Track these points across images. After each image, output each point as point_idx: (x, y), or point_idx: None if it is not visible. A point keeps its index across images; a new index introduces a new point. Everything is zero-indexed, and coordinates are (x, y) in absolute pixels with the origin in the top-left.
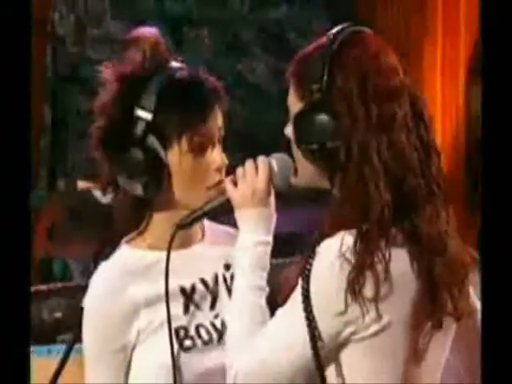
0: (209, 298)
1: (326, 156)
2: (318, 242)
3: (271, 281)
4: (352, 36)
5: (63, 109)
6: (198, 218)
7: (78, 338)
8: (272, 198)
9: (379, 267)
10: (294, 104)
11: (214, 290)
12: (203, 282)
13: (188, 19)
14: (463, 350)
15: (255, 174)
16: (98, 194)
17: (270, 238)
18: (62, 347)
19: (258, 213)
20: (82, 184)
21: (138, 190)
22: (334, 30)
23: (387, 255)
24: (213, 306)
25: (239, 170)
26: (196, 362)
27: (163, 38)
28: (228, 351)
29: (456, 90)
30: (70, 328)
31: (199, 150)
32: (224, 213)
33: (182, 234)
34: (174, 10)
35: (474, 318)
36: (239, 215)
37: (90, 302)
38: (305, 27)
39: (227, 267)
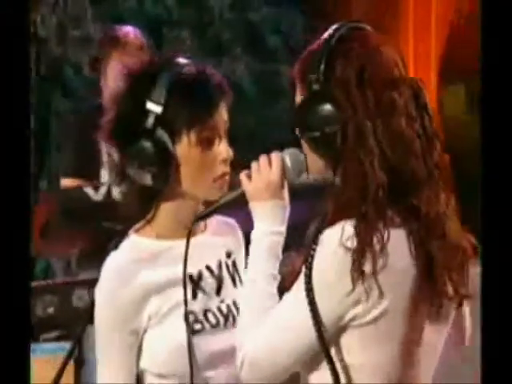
0: (214, 285)
1: (327, 143)
2: (321, 230)
3: None
4: (352, 30)
5: (45, 109)
6: (216, 210)
7: (70, 335)
8: (286, 191)
9: (377, 247)
10: (297, 98)
11: (219, 277)
12: (209, 269)
13: (168, 20)
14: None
15: (269, 168)
16: (90, 191)
17: (283, 229)
18: (46, 346)
19: (272, 204)
20: (65, 182)
21: (147, 180)
22: (335, 26)
23: (386, 236)
24: (218, 291)
25: (254, 165)
26: (205, 345)
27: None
28: (238, 334)
29: (428, 90)
30: (59, 325)
31: (207, 143)
32: (240, 205)
33: (188, 225)
34: (155, 11)
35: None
36: (253, 207)
37: (101, 288)
38: (285, 29)
39: (228, 255)
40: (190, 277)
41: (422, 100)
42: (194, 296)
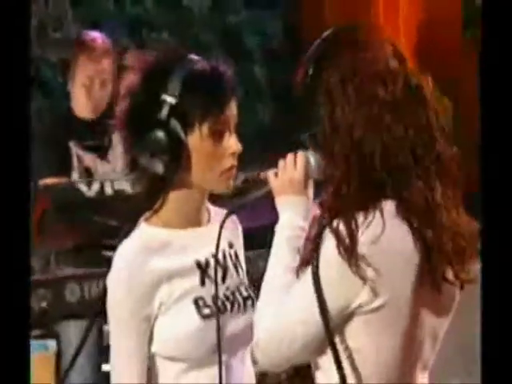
0: (220, 273)
1: (317, 142)
2: (325, 225)
3: (252, 269)
4: (343, 32)
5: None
6: (246, 206)
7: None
8: (310, 189)
9: (363, 238)
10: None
11: (224, 265)
12: (215, 257)
13: (148, 22)
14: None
15: (294, 166)
16: (83, 187)
17: (306, 224)
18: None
19: (295, 200)
20: (49, 182)
21: (159, 168)
22: (330, 30)
23: (381, 229)
24: (224, 279)
25: (280, 162)
26: (214, 329)
27: (119, 41)
28: (256, 319)
29: None
30: (53, 320)
31: (218, 136)
32: (267, 200)
33: (194, 215)
34: (134, 13)
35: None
36: (279, 201)
37: (114, 276)
38: (262, 31)
39: (230, 246)
40: (199, 264)
41: (419, 93)
42: (203, 283)
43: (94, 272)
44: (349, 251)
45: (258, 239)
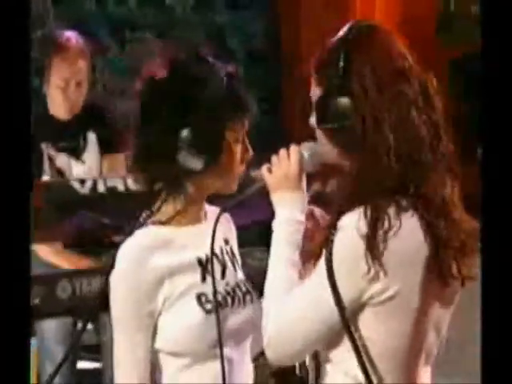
0: (219, 268)
1: (345, 134)
2: (339, 216)
3: (247, 265)
4: (364, 28)
5: None
6: (241, 202)
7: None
8: (304, 183)
9: (389, 232)
10: (315, 92)
11: (222, 261)
12: (214, 254)
13: (131, 22)
14: None
15: (288, 161)
16: (76, 185)
17: (303, 218)
18: None
19: (291, 194)
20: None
21: (197, 165)
22: (349, 24)
23: (398, 223)
24: (223, 275)
25: (274, 158)
26: (215, 324)
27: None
28: (263, 316)
29: None
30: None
31: (242, 141)
32: (262, 197)
33: (195, 213)
34: (117, 12)
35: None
36: (275, 197)
37: (117, 274)
38: (244, 32)
39: (226, 242)
40: (199, 261)
41: (427, 91)
42: (204, 279)
43: (85, 269)
44: (367, 240)
45: (248, 236)
